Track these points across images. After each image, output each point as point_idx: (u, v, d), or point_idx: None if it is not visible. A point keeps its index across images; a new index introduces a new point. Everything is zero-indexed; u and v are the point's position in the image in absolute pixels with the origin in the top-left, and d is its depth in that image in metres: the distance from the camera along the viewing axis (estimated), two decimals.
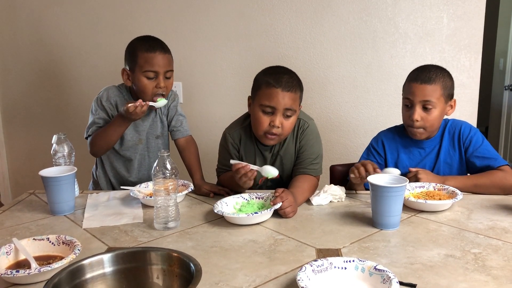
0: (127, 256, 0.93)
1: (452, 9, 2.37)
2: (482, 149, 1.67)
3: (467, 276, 1.04)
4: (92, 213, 1.48)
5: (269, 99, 1.56)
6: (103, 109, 1.76)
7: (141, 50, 1.67)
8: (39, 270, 1.02)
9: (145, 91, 1.68)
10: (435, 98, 1.60)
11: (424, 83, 1.61)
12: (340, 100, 2.52)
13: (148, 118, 1.82)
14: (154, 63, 1.66)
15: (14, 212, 1.51)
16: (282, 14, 2.45)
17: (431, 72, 1.63)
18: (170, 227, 1.33)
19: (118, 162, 1.86)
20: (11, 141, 2.74)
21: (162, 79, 1.68)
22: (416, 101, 1.62)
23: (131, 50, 1.72)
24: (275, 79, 1.57)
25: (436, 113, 1.62)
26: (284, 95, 1.55)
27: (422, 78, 1.62)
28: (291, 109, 1.57)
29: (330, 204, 1.53)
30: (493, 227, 1.31)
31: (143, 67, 1.66)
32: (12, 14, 2.58)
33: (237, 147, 1.72)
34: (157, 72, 1.67)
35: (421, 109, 1.62)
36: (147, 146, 1.85)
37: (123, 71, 1.73)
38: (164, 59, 1.68)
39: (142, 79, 1.67)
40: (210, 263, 1.11)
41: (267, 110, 1.57)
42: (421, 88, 1.61)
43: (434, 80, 1.61)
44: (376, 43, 2.44)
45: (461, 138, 1.70)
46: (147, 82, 1.67)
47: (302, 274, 0.97)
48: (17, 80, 2.66)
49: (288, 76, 1.59)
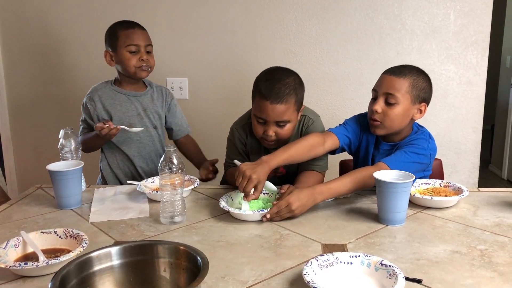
0: (135, 249, 0.93)
1: (459, 5, 2.36)
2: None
3: (473, 272, 1.04)
4: (99, 207, 1.49)
5: (259, 111, 1.56)
6: (86, 109, 1.87)
7: (121, 29, 1.80)
8: (47, 262, 1.03)
9: (129, 64, 1.79)
10: (399, 93, 1.50)
11: (392, 75, 1.53)
12: (346, 97, 2.52)
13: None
14: (134, 37, 1.79)
15: (22, 206, 1.52)
16: (288, 10, 2.45)
17: (405, 68, 1.55)
18: (176, 222, 1.34)
19: (119, 153, 1.91)
20: (18, 136, 2.75)
21: (144, 52, 1.80)
22: (380, 92, 1.54)
23: (111, 31, 1.83)
24: (266, 89, 1.53)
25: (398, 110, 1.51)
26: (274, 108, 1.52)
27: (393, 70, 1.56)
28: (282, 121, 1.55)
29: (335, 200, 1.53)
30: (499, 224, 1.31)
31: (124, 42, 1.78)
32: (19, 8, 2.59)
33: (244, 141, 1.72)
34: (138, 46, 1.79)
35: (383, 102, 1.53)
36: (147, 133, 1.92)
37: (105, 54, 1.84)
38: (143, 34, 1.82)
39: (125, 53, 1.78)
40: (216, 257, 1.12)
41: (259, 120, 1.58)
42: (388, 80, 1.53)
43: (404, 75, 1.52)
44: (383, 39, 2.44)
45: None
46: (130, 56, 1.79)
47: (308, 269, 0.97)
48: (24, 76, 2.67)
49: (280, 85, 1.53)
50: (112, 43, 1.81)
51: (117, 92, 1.87)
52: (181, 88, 2.57)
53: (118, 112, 1.85)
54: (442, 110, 2.46)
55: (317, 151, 1.57)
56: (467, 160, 2.53)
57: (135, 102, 1.88)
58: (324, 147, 1.59)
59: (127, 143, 1.89)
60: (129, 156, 1.90)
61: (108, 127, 1.66)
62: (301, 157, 1.54)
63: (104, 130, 1.66)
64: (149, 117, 1.90)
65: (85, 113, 1.87)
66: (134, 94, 1.88)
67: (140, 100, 1.89)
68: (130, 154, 1.90)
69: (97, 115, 1.85)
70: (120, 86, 1.88)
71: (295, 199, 1.35)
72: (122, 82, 1.88)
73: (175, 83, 2.56)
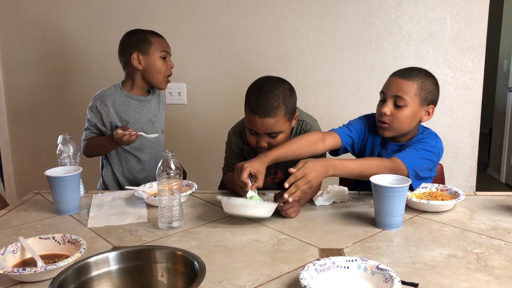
0: (132, 254, 0.94)
1: (455, 10, 2.38)
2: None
3: (469, 276, 1.05)
4: (97, 212, 1.49)
5: (250, 124, 1.57)
6: (97, 113, 1.83)
7: (152, 36, 1.86)
8: (45, 268, 1.03)
9: (161, 70, 1.86)
10: (408, 96, 1.52)
11: (401, 78, 1.55)
12: (343, 101, 2.53)
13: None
14: (165, 45, 1.89)
15: (20, 211, 1.53)
16: (286, 15, 2.46)
17: (413, 71, 1.57)
18: (174, 227, 1.35)
19: (127, 160, 1.92)
20: (16, 141, 2.76)
21: (169, 59, 1.89)
22: (389, 94, 1.55)
23: (141, 37, 1.85)
24: (255, 102, 1.53)
25: (407, 113, 1.53)
26: (263, 122, 1.53)
27: (401, 73, 1.57)
28: (274, 132, 1.56)
29: (333, 205, 1.54)
30: (495, 228, 1.32)
31: (159, 48, 1.85)
32: (18, 14, 2.60)
33: (241, 146, 1.73)
34: (168, 53, 1.89)
35: (392, 104, 1.55)
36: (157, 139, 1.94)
37: (135, 56, 1.83)
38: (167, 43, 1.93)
39: (159, 59, 1.85)
40: (213, 262, 1.12)
41: (251, 131, 1.59)
42: (397, 82, 1.55)
43: (412, 77, 1.54)
44: (380, 44, 2.45)
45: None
46: (163, 62, 1.86)
47: (305, 273, 0.98)
48: (23, 81, 2.68)
49: (267, 98, 1.52)
50: (143, 47, 1.83)
51: (129, 98, 1.87)
52: (179, 93, 2.58)
53: (132, 118, 1.86)
54: (439, 114, 2.47)
55: (317, 147, 1.58)
56: (464, 164, 2.54)
57: (145, 108, 1.90)
58: (324, 144, 1.59)
59: (140, 149, 1.91)
60: (142, 161, 1.92)
61: (129, 134, 1.68)
62: (299, 151, 1.53)
63: (125, 137, 1.67)
64: (158, 121, 1.94)
65: (96, 117, 1.83)
66: (144, 100, 1.90)
67: (148, 106, 1.91)
68: (143, 159, 1.93)
69: (110, 121, 1.83)
70: (131, 91, 1.88)
71: (311, 170, 1.35)
72: (134, 87, 1.88)
73: (174, 88, 2.57)
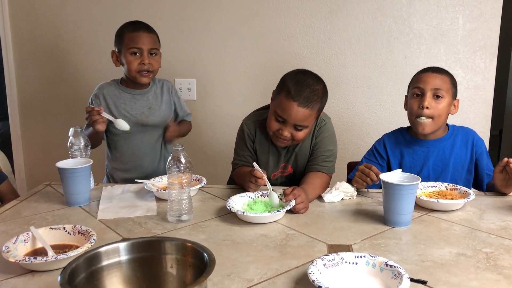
0: (143, 245, 0.94)
1: (468, 10, 2.36)
2: (489, 165, 1.72)
3: (478, 275, 1.04)
4: (107, 205, 1.51)
5: (282, 110, 1.53)
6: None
7: (127, 31, 1.82)
8: (56, 257, 1.04)
9: (130, 67, 1.81)
10: (445, 88, 1.63)
11: (435, 73, 1.66)
12: (353, 100, 2.52)
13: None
14: (138, 40, 1.80)
15: (31, 202, 1.54)
16: (296, 13, 2.46)
17: (440, 68, 1.70)
18: (183, 220, 1.35)
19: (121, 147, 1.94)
20: (27, 134, 2.78)
21: (147, 55, 1.81)
22: (427, 88, 1.63)
23: (119, 33, 1.86)
24: (296, 90, 1.51)
25: (444, 104, 1.64)
26: (298, 111, 1.51)
27: (433, 69, 1.69)
28: (302, 125, 1.55)
29: (341, 201, 1.53)
30: (505, 228, 1.31)
31: (128, 44, 1.80)
32: (31, 8, 2.62)
33: (253, 137, 1.72)
34: (141, 49, 1.80)
35: (431, 98, 1.63)
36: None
37: (112, 53, 1.87)
38: (148, 37, 1.82)
39: (128, 56, 1.81)
40: (222, 256, 1.13)
41: (279, 118, 1.56)
42: (433, 77, 1.65)
43: (444, 72, 1.67)
44: (390, 43, 2.44)
45: (474, 146, 1.72)
46: (132, 58, 1.81)
47: (313, 268, 0.98)
48: (35, 75, 2.71)
49: (310, 90, 1.52)
50: (119, 44, 1.84)
51: (122, 91, 1.89)
52: (189, 89, 2.59)
53: (123, 110, 1.87)
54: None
55: None
56: None
57: (140, 101, 1.90)
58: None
59: (125, 138, 1.92)
60: (124, 150, 1.94)
61: (95, 111, 1.68)
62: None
63: (92, 112, 1.68)
64: (154, 115, 1.91)
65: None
66: (138, 93, 1.90)
67: (145, 98, 1.91)
68: (125, 149, 1.93)
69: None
70: (126, 85, 1.91)
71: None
72: (127, 82, 1.91)
73: (184, 84, 2.58)
